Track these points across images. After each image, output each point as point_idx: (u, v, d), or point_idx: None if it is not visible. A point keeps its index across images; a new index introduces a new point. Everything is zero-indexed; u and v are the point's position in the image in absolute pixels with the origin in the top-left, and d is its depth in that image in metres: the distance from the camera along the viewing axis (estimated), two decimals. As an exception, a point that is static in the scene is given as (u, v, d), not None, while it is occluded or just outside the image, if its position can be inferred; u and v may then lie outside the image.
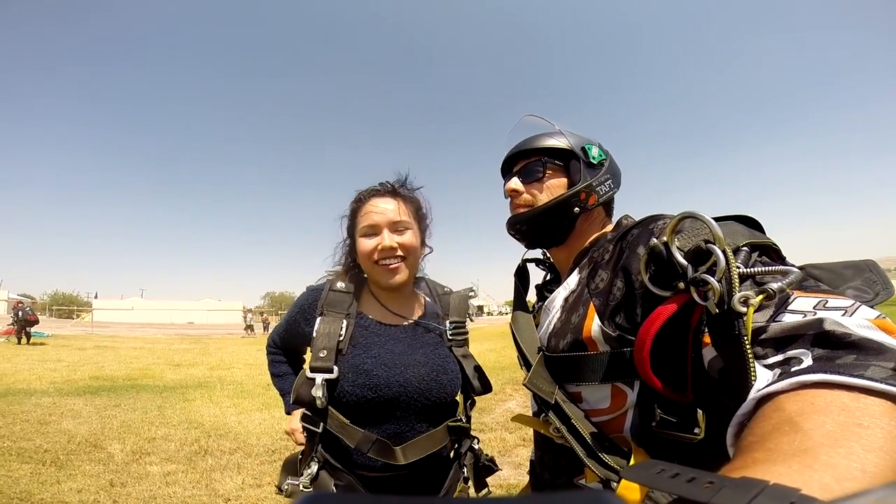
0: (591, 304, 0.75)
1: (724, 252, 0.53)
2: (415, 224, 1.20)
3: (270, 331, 1.42)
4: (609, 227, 0.91)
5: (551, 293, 0.91)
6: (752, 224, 0.67)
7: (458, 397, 1.24)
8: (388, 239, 1.12)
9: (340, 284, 1.21)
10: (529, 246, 1.00)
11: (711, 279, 0.53)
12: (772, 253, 0.63)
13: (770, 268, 0.54)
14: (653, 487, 0.31)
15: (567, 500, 0.18)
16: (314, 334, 1.13)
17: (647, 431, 0.67)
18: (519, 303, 1.01)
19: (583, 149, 0.89)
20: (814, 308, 0.48)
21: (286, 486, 1.13)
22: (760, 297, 0.50)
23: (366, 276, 1.26)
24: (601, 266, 0.79)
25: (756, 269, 0.54)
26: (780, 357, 0.46)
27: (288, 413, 1.36)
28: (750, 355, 0.48)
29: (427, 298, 1.32)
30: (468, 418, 1.25)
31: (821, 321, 0.45)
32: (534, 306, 1.02)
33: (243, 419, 4.99)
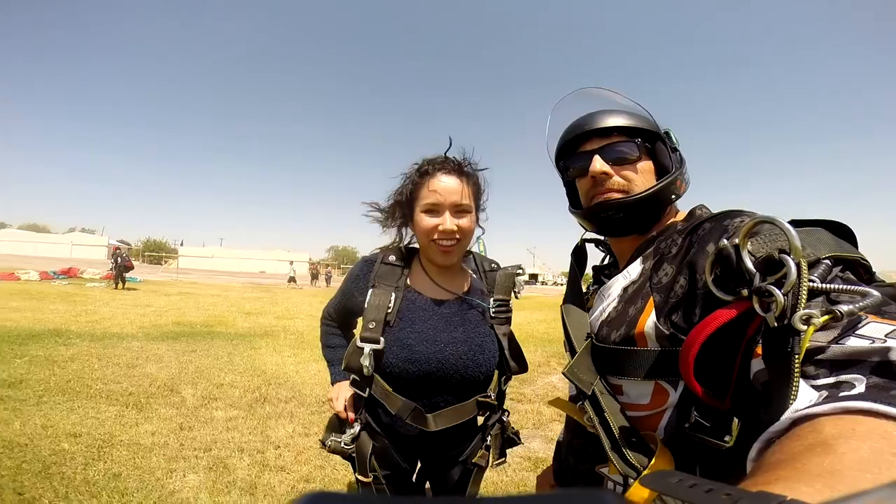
0: (652, 298, 0.73)
1: (797, 265, 0.51)
2: (473, 207, 1.23)
3: (332, 284, 1.49)
4: (679, 217, 0.85)
5: (609, 278, 0.89)
6: (843, 233, 0.62)
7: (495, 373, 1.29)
8: (449, 222, 1.15)
9: (392, 257, 1.27)
10: (609, 234, 0.92)
11: (777, 291, 0.50)
12: (859, 268, 0.58)
13: (848, 286, 0.50)
14: (670, 496, 0.30)
15: (567, 499, 0.18)
16: (366, 305, 1.20)
17: (680, 432, 0.67)
18: (573, 286, 0.96)
19: (666, 132, 0.85)
20: (885, 336, 0.44)
21: (330, 443, 1.24)
22: (826, 317, 0.47)
23: (416, 246, 1.32)
24: (667, 259, 0.75)
25: (832, 286, 0.51)
26: (831, 380, 0.45)
27: (333, 383, 1.43)
28: (796, 375, 0.46)
29: (473, 275, 1.35)
30: (501, 393, 1.31)
31: (888, 350, 0.42)
32: (588, 288, 1.00)
33: (300, 369, 5.39)
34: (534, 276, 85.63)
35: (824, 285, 0.50)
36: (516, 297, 1.34)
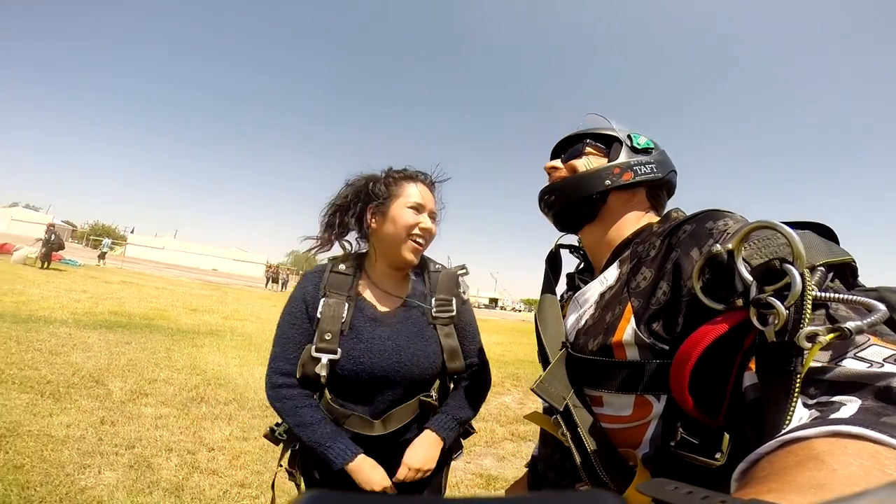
0: (630, 304, 0.69)
1: (802, 276, 0.46)
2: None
3: (287, 289, 1.39)
4: (655, 219, 0.85)
5: (585, 284, 0.86)
6: (825, 235, 0.58)
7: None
8: (428, 221, 1.24)
9: (342, 266, 1.27)
10: (558, 222, 0.94)
11: (779, 304, 0.47)
12: (847, 271, 0.55)
13: (852, 297, 0.46)
14: (667, 501, 0.29)
15: (567, 499, 0.18)
16: (318, 315, 1.19)
17: (664, 448, 0.62)
18: (548, 292, 0.95)
19: (628, 135, 0.87)
20: (884, 360, 0.42)
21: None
22: (831, 335, 0.44)
23: (364, 252, 1.32)
24: (645, 263, 0.72)
25: (833, 296, 0.47)
26: (824, 399, 0.43)
27: (344, 464, 1.08)
28: (796, 396, 0.43)
29: (414, 276, 1.35)
30: (446, 389, 1.32)
31: (890, 376, 0.40)
32: (562, 296, 0.98)
33: (245, 371, 5.11)
34: (494, 301, 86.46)
35: (826, 294, 0.47)
36: (462, 298, 1.33)
